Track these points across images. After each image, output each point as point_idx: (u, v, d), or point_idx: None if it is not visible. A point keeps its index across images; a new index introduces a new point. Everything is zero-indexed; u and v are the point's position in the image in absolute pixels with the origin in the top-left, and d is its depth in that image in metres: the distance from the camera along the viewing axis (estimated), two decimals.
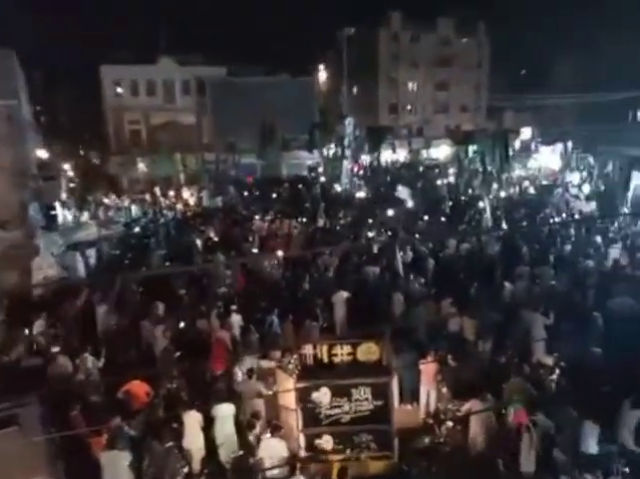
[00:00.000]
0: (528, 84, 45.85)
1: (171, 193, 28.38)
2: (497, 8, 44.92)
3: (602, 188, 23.68)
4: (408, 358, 8.18)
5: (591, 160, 29.00)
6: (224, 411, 7.17)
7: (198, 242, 16.12)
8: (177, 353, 8.92)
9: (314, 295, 11.19)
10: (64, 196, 24.81)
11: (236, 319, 9.88)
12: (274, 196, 25.45)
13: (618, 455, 6.57)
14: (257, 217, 19.91)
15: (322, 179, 31.07)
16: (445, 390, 7.94)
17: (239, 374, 8.15)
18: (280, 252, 14.00)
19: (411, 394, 8.10)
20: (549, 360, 8.13)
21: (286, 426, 7.16)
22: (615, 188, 22.16)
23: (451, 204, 20.91)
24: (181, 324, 10.07)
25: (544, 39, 43.59)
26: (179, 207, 24.98)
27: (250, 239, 16.28)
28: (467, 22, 50.10)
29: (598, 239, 14.36)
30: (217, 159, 33.75)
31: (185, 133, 37.30)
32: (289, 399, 7.22)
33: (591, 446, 6.50)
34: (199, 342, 9.23)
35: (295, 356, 7.50)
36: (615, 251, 13.20)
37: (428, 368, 7.99)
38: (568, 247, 13.78)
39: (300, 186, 27.65)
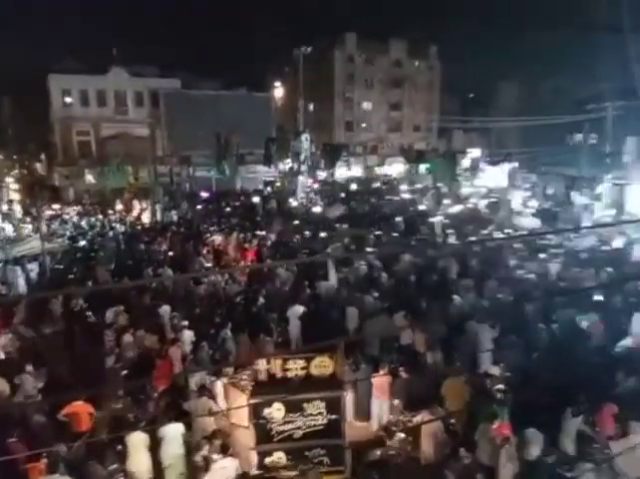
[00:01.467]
0: (476, 107, 48.02)
1: (122, 206, 27.59)
2: (447, 34, 47.01)
3: (545, 205, 24.90)
4: (361, 372, 8.24)
5: (534, 179, 30.53)
6: (172, 431, 6.93)
7: (151, 257, 15.70)
8: (124, 371, 8.60)
9: (269, 310, 11.12)
10: (5, 207, 23.58)
11: (188, 335, 9.66)
12: (229, 209, 25.23)
13: (562, 462, 6.83)
14: (212, 230, 19.66)
15: (278, 193, 31.13)
16: (396, 402, 8.03)
17: (190, 392, 7.94)
18: (235, 266, 13.84)
19: (364, 407, 8.14)
20: (495, 371, 8.39)
21: (238, 444, 7.00)
22: (556, 205, 23.43)
23: (403, 219, 21.39)
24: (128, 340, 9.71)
25: (491, 65, 45.90)
26: (130, 220, 24.30)
27: (205, 252, 16.02)
28: (418, 46, 52.09)
29: (541, 254, 15.10)
30: (171, 172, 33.14)
31: (137, 145, 36.43)
32: (241, 416, 7.08)
33: (534, 454, 6.72)
34: (147, 359, 8.93)
35: (248, 372, 7.40)
36: (556, 266, 13.88)
37: (380, 381, 8.06)
38: (513, 262, 14.35)
39: (256, 199, 27.56)
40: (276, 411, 6.98)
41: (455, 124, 49.02)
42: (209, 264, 15.19)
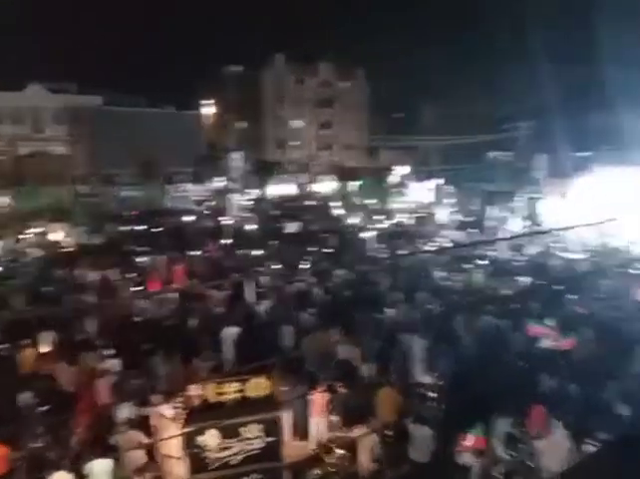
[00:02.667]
0: (403, 126, 50.13)
1: (39, 229, 25.75)
2: (374, 55, 48.94)
3: (467, 219, 26.28)
4: (298, 390, 8.17)
5: (458, 194, 32.22)
6: (99, 468, 6.49)
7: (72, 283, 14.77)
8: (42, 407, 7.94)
9: (202, 333, 10.78)
10: None
11: (113, 365, 9.12)
12: (159, 230, 24.37)
13: (492, 463, 7.11)
14: (140, 252, 18.86)
15: (209, 212, 30.55)
16: (334, 419, 8.03)
17: (117, 425, 7.47)
18: (164, 288, 13.35)
19: (302, 427, 8.06)
20: (428, 379, 8.65)
21: (171, 476, 6.66)
22: (478, 219, 24.83)
23: (336, 235, 21.72)
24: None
25: (416, 87, 48.26)
26: (49, 244, 22.74)
27: (132, 276, 15.31)
28: (346, 67, 53.81)
29: (466, 264, 15.91)
30: (93, 191, 31.55)
31: (56, 164, 34.46)
32: (174, 447, 6.76)
33: (467, 458, 6.96)
34: (67, 393, 8.32)
35: (180, 399, 7.10)
36: (480, 276, 14.67)
37: (318, 399, 8.04)
38: (441, 274, 14.97)
39: (187, 219, 26.85)
40: (211, 438, 6.74)
41: (383, 142, 50.80)
42: (141, 288, 14.53)
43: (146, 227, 24.94)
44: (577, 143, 24.82)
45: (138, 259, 17.79)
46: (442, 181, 34.61)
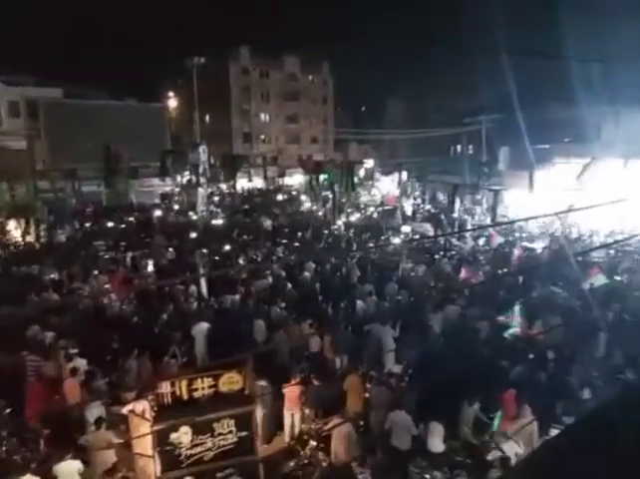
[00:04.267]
0: (369, 120, 50.51)
1: None
2: (340, 49, 49.03)
3: (433, 211, 26.76)
4: (271, 384, 8.18)
5: (423, 187, 32.74)
6: (67, 469, 6.33)
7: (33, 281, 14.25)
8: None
9: (172, 330, 10.62)
10: None
11: (81, 364, 8.88)
12: (123, 226, 23.78)
13: (461, 449, 7.32)
14: (104, 248, 18.39)
15: (176, 206, 30.02)
16: (307, 411, 8.08)
17: (86, 425, 7.31)
18: (130, 287, 13.06)
19: (275, 420, 8.09)
20: (397, 369, 8.80)
21: (143, 475, 6.57)
22: (443, 210, 25.31)
23: (306, 228, 21.72)
24: None
25: (381, 81, 48.63)
26: (8, 241, 21.87)
27: (95, 274, 14.90)
28: (312, 61, 53.69)
29: (434, 256, 16.25)
30: (54, 187, 30.45)
31: (14, 159, 33.06)
32: (145, 445, 6.65)
33: (437, 445, 7.13)
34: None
35: (151, 397, 6.99)
36: (447, 266, 14.98)
37: (291, 392, 8.07)
38: (409, 266, 15.21)
39: (154, 214, 26.28)
40: (184, 435, 6.66)
41: (350, 136, 51.04)
42: (106, 286, 14.16)
43: (110, 223, 24.26)
44: (538, 135, 25.55)
45: (102, 256, 17.32)
46: (407, 174, 35.06)
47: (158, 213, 26.84)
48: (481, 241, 18.66)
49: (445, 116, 39.18)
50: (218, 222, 23.92)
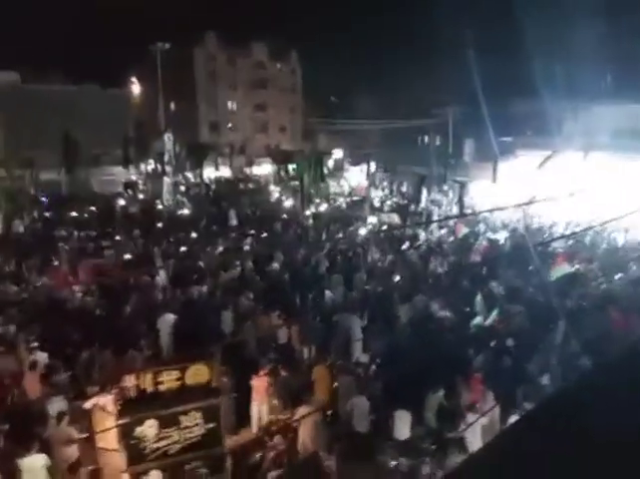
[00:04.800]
0: (338, 110, 50.46)
1: None
2: (309, 38, 48.61)
3: (401, 202, 27.07)
4: (239, 375, 8.15)
5: (391, 178, 33.05)
6: (31, 464, 6.16)
7: None
8: None
9: (136, 322, 10.41)
10: None
11: (41, 357, 8.61)
12: (85, 215, 23.07)
13: (426, 436, 7.49)
14: (64, 238, 17.79)
15: (141, 196, 29.30)
16: (275, 402, 8.09)
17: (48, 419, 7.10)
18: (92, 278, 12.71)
19: (243, 411, 8.07)
20: (365, 358, 8.91)
21: (108, 469, 6.44)
22: (411, 201, 25.65)
23: (276, 219, 21.61)
24: None
25: (351, 71, 48.57)
26: None
27: (56, 264, 14.44)
28: (280, 49, 53.05)
29: (402, 246, 16.46)
30: (11, 175, 29.20)
31: None
32: (109, 439, 6.53)
33: (404, 432, 7.28)
34: None
35: (115, 391, 6.84)
36: (414, 256, 15.20)
37: (259, 383, 8.06)
38: (376, 256, 15.36)
39: (117, 203, 25.60)
40: (149, 429, 6.57)
41: (319, 126, 50.85)
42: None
43: (71, 212, 23.47)
44: (502, 128, 26.13)
45: (62, 246, 16.76)
46: (376, 164, 35.29)
47: (121, 202, 26.16)
48: (444, 232, 18.93)
49: (413, 107, 39.50)
50: (185, 212, 23.52)
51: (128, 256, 15.64)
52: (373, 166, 34.92)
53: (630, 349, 1.58)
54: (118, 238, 17.88)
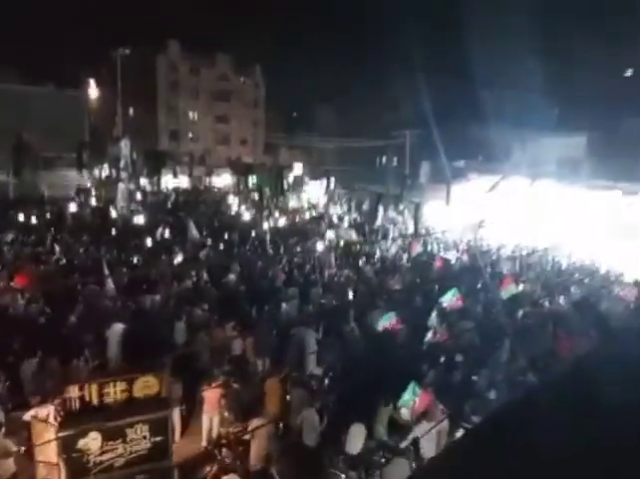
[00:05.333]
0: (299, 126, 50.97)
1: None
2: (274, 53, 49.06)
3: (359, 219, 27.50)
4: (191, 387, 7.99)
5: (349, 195, 33.55)
6: None
7: None
8: None
9: (83, 331, 10.02)
10: None
11: None
12: (34, 220, 22.04)
13: (377, 449, 7.56)
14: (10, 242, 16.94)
15: (94, 202, 28.33)
16: (226, 414, 7.97)
17: None
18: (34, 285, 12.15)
19: (193, 424, 7.90)
20: (318, 371, 8.94)
21: None
22: (368, 219, 26.09)
23: (235, 230, 21.41)
24: None
25: (313, 89, 49.29)
26: None
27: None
28: (244, 62, 53.23)
29: (359, 261, 16.70)
30: None
31: None
32: (49, 452, 6.23)
33: (356, 446, 7.31)
34: None
35: (57, 402, 6.56)
36: (370, 272, 15.45)
37: (211, 394, 7.92)
38: (333, 271, 15.50)
39: (69, 208, 24.62)
40: (92, 441, 6.32)
41: (280, 140, 51.11)
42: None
43: (16, 216, 22.37)
44: (456, 152, 27.19)
45: (6, 252, 15.97)
46: (335, 181, 35.74)
47: (72, 207, 25.20)
48: (399, 249, 19.35)
49: (373, 128, 40.47)
50: (140, 219, 22.92)
51: (76, 263, 15.08)
52: (332, 182, 35.36)
53: (573, 367, 1.64)
54: (67, 243, 17.20)
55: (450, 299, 11.39)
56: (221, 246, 18.45)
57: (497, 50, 28.30)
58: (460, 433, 7.11)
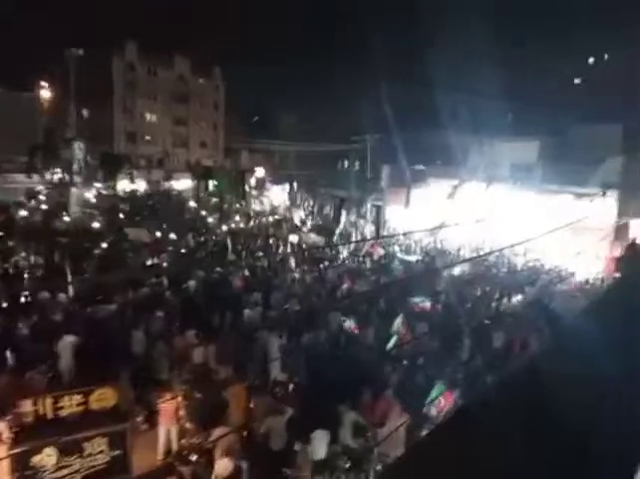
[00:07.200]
0: (261, 129, 50.71)
1: None
2: (233, 56, 48.60)
3: (320, 222, 27.62)
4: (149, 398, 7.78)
5: (312, 199, 33.66)
6: None
7: None
8: None
9: (35, 342, 9.58)
10: None
11: None
12: None
13: (342, 454, 7.58)
14: None
15: (45, 206, 27.22)
16: (188, 425, 7.80)
17: None
18: None
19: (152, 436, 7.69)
20: (283, 377, 8.89)
21: None
22: (330, 222, 26.27)
23: (192, 235, 21.07)
24: None
25: (274, 92, 49.18)
26: None
27: None
28: (203, 64, 52.56)
29: (322, 265, 16.75)
30: None
31: None
32: (2, 470, 5.93)
33: (320, 451, 7.30)
34: None
35: (9, 417, 6.25)
36: (333, 276, 15.52)
37: (167, 406, 7.73)
38: (296, 275, 15.49)
39: (18, 213, 23.57)
40: (47, 457, 6.08)
41: (241, 144, 50.66)
42: None
43: None
44: (416, 156, 27.75)
45: None
46: (297, 185, 35.78)
47: (22, 212, 24.14)
48: (361, 252, 19.52)
49: (334, 132, 40.73)
50: (94, 225, 22.20)
51: (26, 271, 14.44)
52: (294, 186, 35.37)
53: (527, 366, 1.68)
54: (17, 250, 16.44)
55: (419, 302, 11.58)
56: (180, 252, 18.10)
57: (455, 55, 29.16)
58: (422, 434, 7.22)
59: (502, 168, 24.37)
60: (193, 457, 7.23)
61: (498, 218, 18.32)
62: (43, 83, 35.96)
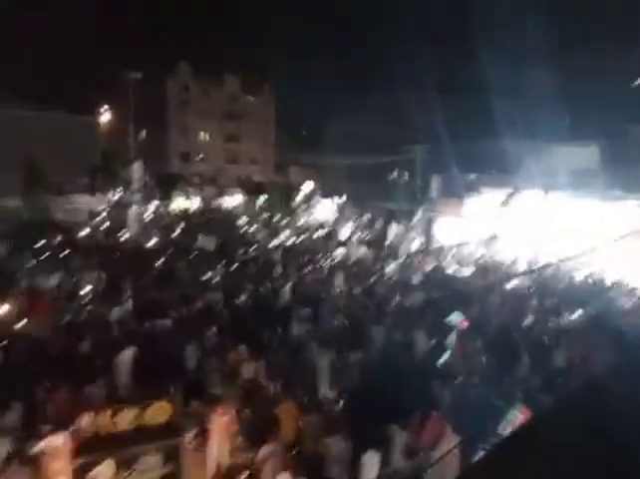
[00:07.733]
0: (309, 143, 51.32)
1: None
2: (282, 72, 49.66)
3: (370, 236, 27.40)
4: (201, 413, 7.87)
5: (361, 212, 33.52)
6: None
7: None
8: None
9: (94, 358, 10.00)
10: None
11: None
12: (46, 246, 22.24)
13: (393, 476, 7.35)
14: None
15: (106, 225, 28.64)
16: (239, 441, 7.83)
17: None
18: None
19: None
20: (331, 394, 8.78)
21: None
22: (380, 235, 26.02)
23: (244, 250, 21.45)
24: None
25: (321, 106, 49.74)
26: None
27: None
28: (253, 82, 54.02)
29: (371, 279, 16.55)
30: None
31: None
32: None
33: (372, 475, 7.11)
34: None
35: (70, 431, 6.51)
36: (383, 290, 15.28)
37: (220, 421, 7.79)
38: (345, 289, 15.36)
39: (81, 233, 24.89)
40: (105, 470, 6.27)
41: (291, 159, 51.43)
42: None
43: (29, 242, 22.57)
44: (468, 166, 27.07)
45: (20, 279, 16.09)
46: (346, 198, 35.75)
47: (85, 232, 25.47)
48: (412, 265, 19.16)
49: (383, 143, 40.56)
50: (153, 242, 23.09)
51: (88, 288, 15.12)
52: (343, 200, 35.37)
53: (589, 384, 1.61)
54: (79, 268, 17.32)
55: (456, 319, 11.20)
56: (232, 268, 18.43)
57: (508, 58, 28.37)
58: (478, 455, 6.89)
59: (561, 174, 23.30)
60: (244, 474, 7.24)
61: (557, 227, 17.48)
62: (103, 106, 38.04)
